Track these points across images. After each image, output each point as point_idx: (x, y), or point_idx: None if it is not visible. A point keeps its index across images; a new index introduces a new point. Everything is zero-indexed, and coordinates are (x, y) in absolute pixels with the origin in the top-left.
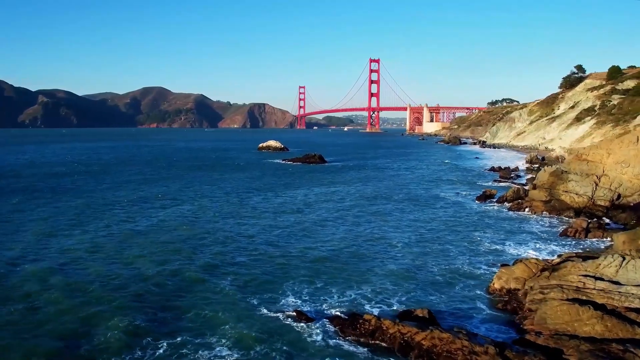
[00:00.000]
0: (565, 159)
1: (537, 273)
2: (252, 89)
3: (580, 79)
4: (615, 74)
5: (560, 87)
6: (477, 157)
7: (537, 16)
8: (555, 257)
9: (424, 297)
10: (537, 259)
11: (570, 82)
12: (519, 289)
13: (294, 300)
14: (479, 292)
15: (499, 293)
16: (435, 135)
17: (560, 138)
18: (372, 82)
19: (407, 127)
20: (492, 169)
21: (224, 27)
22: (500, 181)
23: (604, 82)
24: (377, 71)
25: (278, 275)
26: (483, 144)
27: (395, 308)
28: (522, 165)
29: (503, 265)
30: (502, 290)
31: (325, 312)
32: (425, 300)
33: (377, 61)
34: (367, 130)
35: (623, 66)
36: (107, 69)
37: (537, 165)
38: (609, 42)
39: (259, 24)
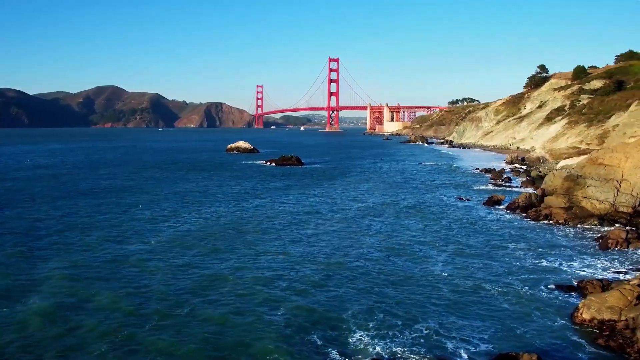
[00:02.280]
0: (546, 159)
1: (634, 301)
2: (209, 88)
3: (545, 79)
4: (580, 74)
5: (525, 87)
6: (454, 158)
7: (495, 16)
8: (615, 274)
9: (507, 332)
10: (630, 284)
11: (535, 82)
12: (615, 320)
13: (361, 337)
14: (563, 322)
15: (589, 324)
16: (398, 134)
17: (531, 138)
18: (331, 81)
19: (368, 127)
20: (478, 170)
21: (180, 26)
22: (494, 184)
23: (569, 82)
24: (336, 70)
25: (330, 303)
26: (451, 144)
27: (483, 348)
28: (503, 165)
29: (569, 287)
30: (593, 321)
31: (407, 356)
32: (510, 336)
33: (337, 60)
34: (327, 129)
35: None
36: (59, 67)
37: (521, 167)
38: (568, 42)
39: (216, 23)
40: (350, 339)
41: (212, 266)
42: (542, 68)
